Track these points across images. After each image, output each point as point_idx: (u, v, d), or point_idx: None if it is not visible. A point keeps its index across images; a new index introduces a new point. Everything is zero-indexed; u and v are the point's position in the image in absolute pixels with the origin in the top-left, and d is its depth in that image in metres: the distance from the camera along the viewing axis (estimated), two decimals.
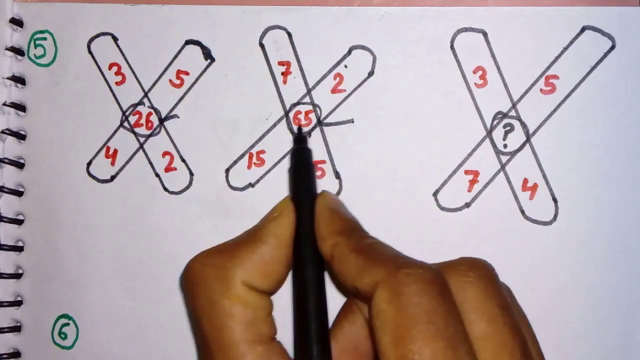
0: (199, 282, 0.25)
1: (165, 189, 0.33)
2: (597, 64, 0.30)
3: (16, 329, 0.34)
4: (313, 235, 0.26)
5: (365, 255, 0.23)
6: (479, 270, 0.23)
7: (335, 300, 0.27)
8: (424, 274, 0.21)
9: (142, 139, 0.34)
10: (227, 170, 0.33)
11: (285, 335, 0.26)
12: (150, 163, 0.34)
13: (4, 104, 0.35)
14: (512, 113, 0.31)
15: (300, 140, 0.30)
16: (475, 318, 0.21)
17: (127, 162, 0.34)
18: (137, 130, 0.34)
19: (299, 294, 0.25)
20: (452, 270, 0.22)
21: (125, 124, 0.34)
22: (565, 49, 0.31)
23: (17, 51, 0.35)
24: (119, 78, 0.34)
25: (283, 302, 0.27)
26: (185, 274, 0.26)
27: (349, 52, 0.32)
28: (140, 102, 0.34)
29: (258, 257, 0.25)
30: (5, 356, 0.34)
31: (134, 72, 0.34)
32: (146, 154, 0.34)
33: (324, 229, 0.26)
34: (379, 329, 0.20)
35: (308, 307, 0.25)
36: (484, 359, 0.20)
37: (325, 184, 0.32)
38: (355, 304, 0.26)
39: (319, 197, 0.27)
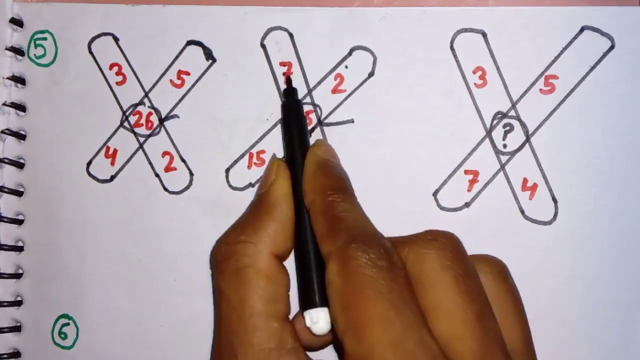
0: (229, 256, 0.26)
1: (165, 189, 0.33)
2: (597, 64, 0.30)
3: (16, 329, 0.34)
4: None
5: (330, 222, 0.24)
6: (438, 242, 0.23)
7: None
8: (374, 250, 0.22)
9: (142, 139, 0.34)
10: (228, 170, 0.33)
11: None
12: (150, 163, 0.34)
13: (4, 104, 0.35)
14: (512, 113, 0.31)
15: (289, 92, 0.30)
16: (429, 289, 0.22)
17: (127, 162, 0.34)
18: (137, 130, 0.34)
19: (300, 245, 0.26)
20: (413, 243, 0.23)
21: (125, 123, 0.34)
22: (565, 49, 0.31)
23: (17, 51, 0.35)
24: (120, 78, 0.34)
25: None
26: (215, 253, 0.27)
27: (350, 53, 0.32)
28: (141, 102, 0.34)
29: (278, 224, 0.26)
30: (5, 356, 0.34)
31: (134, 72, 0.34)
32: (146, 154, 0.34)
33: (306, 184, 0.27)
34: (330, 297, 0.22)
35: (309, 257, 0.26)
36: (438, 327, 0.21)
37: None
38: None
39: (310, 149, 0.28)
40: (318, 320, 0.25)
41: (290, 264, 0.27)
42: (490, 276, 0.24)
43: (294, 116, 0.30)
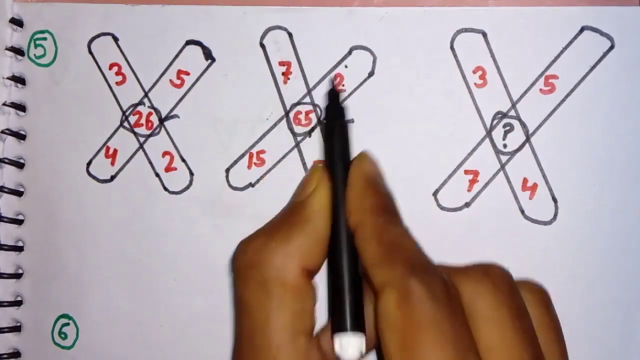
0: (254, 265, 0.24)
1: (166, 189, 0.33)
2: (597, 64, 0.30)
3: (16, 329, 0.34)
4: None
5: (384, 247, 0.22)
6: (493, 277, 0.22)
7: None
8: (435, 282, 0.21)
9: (142, 139, 0.34)
10: (228, 170, 0.33)
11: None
12: (150, 163, 0.34)
13: (4, 104, 0.35)
14: (512, 113, 0.31)
15: (333, 97, 0.27)
16: (484, 327, 0.21)
17: (127, 162, 0.34)
18: (137, 130, 0.34)
19: (334, 266, 0.25)
20: (466, 276, 0.22)
21: (125, 123, 0.34)
22: (565, 49, 0.31)
23: (17, 51, 0.35)
24: (119, 78, 0.34)
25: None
26: (238, 257, 0.25)
27: (350, 53, 0.32)
28: (141, 102, 0.34)
29: (312, 239, 0.24)
30: (5, 356, 0.34)
31: (134, 72, 0.34)
32: (146, 154, 0.34)
33: (352, 202, 0.25)
34: (386, 331, 0.20)
35: (343, 279, 0.24)
36: None
37: None
38: None
39: (354, 162, 0.26)
40: (348, 347, 0.23)
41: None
42: (535, 306, 0.23)
43: (338, 124, 0.27)
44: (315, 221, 0.25)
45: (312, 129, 0.32)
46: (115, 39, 0.34)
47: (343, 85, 0.32)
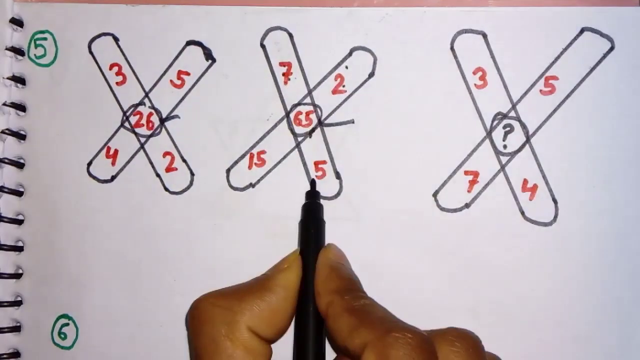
0: (205, 320, 0.25)
1: (166, 189, 0.33)
2: (597, 64, 0.31)
3: (16, 329, 0.34)
4: None
5: (356, 316, 0.24)
6: (466, 341, 0.23)
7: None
8: (412, 339, 0.21)
9: (142, 139, 0.34)
10: (228, 171, 0.33)
11: None
12: (151, 163, 0.34)
13: (4, 104, 0.35)
14: (512, 114, 0.31)
15: (312, 195, 0.31)
16: None
17: (128, 162, 0.34)
18: (137, 130, 0.34)
19: (299, 345, 0.26)
20: (441, 338, 0.23)
21: (126, 124, 0.34)
22: (565, 50, 0.31)
23: (17, 51, 0.35)
24: (120, 78, 0.34)
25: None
26: (192, 311, 0.26)
27: (350, 53, 0.32)
28: (141, 103, 0.34)
29: (265, 305, 0.26)
30: (5, 356, 0.34)
31: (134, 73, 0.34)
32: (147, 154, 0.34)
33: (321, 286, 0.27)
34: None
35: (307, 358, 0.26)
36: None
37: (325, 184, 0.32)
38: None
39: (321, 253, 0.28)
40: None
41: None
42: None
43: (313, 219, 0.30)
44: (275, 293, 0.26)
45: (313, 130, 0.32)
46: (116, 39, 0.34)
47: (343, 87, 0.32)
